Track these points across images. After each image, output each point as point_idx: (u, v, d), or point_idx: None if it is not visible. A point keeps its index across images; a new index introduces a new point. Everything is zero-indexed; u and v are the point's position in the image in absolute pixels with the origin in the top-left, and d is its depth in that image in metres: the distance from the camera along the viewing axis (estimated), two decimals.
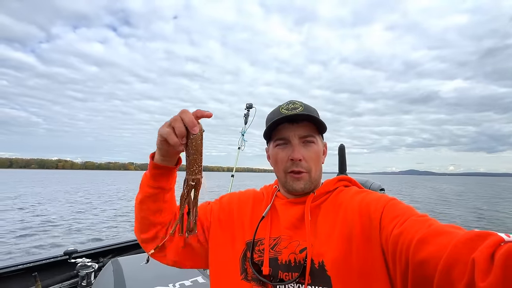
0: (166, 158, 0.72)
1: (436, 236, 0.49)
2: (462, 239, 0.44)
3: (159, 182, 0.74)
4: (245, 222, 0.81)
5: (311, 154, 0.75)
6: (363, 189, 0.79)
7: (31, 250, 6.74)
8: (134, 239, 2.34)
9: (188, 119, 0.62)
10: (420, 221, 0.55)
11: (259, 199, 0.86)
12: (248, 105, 3.08)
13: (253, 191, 0.91)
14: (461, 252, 0.43)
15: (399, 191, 31.97)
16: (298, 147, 0.74)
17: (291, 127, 0.75)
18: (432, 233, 0.50)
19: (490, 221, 12.23)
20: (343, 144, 1.48)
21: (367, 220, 0.65)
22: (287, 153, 0.75)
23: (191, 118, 0.63)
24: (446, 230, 0.50)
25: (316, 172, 0.77)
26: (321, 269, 0.66)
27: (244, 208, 0.84)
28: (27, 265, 1.72)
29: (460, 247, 0.44)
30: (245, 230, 0.80)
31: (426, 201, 20.72)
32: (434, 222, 0.54)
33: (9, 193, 22.27)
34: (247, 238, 0.78)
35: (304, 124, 0.75)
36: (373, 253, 0.62)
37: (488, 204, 19.45)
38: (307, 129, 0.75)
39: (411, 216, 0.58)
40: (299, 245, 0.71)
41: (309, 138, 0.75)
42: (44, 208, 13.76)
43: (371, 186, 1.19)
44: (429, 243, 0.49)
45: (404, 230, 0.55)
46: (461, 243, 0.44)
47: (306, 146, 0.76)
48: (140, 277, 1.21)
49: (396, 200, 0.67)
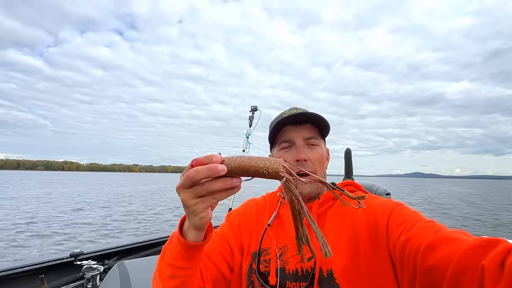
0: (202, 232, 0.55)
1: (444, 243, 0.49)
2: (471, 246, 0.44)
3: (195, 259, 0.57)
4: (251, 233, 0.80)
5: (316, 155, 0.75)
6: (369, 194, 0.78)
7: (37, 252, 6.75)
8: (140, 241, 2.32)
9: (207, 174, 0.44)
10: (427, 227, 0.55)
11: (262, 208, 0.84)
12: (253, 107, 3.07)
13: (255, 201, 0.89)
14: (471, 259, 0.42)
15: (411, 194, 31.28)
16: (303, 148, 0.75)
17: (295, 129, 0.76)
18: (440, 239, 0.50)
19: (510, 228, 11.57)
20: (349, 148, 1.47)
21: (374, 225, 0.64)
22: (292, 155, 0.75)
23: (207, 173, 0.44)
24: (454, 236, 0.50)
25: (321, 175, 0.76)
26: (330, 277, 0.64)
27: (249, 220, 0.83)
28: (33, 266, 1.70)
29: (469, 254, 0.43)
30: (251, 242, 0.78)
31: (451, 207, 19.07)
32: (441, 228, 0.54)
33: (15, 193, 22.42)
34: (253, 248, 0.76)
35: (308, 126, 0.76)
36: (380, 259, 0.61)
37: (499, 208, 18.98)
38: (311, 131, 0.76)
39: (418, 222, 0.57)
40: (307, 253, 0.68)
41: (313, 140, 0.76)
42: (49, 210, 13.80)
43: (377, 191, 1.18)
44: (438, 249, 0.48)
45: (412, 236, 0.54)
46: (470, 250, 0.43)
47: (310, 148, 0.76)
48: (146, 281, 1.18)
49: (402, 205, 0.67)
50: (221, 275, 0.73)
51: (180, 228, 0.55)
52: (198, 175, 0.44)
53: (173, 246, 0.57)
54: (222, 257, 0.75)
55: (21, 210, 13.79)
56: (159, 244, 2.37)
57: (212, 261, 0.72)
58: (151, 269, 1.36)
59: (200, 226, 0.51)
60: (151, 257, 1.51)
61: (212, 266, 0.72)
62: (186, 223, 0.54)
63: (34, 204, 16.04)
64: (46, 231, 8.99)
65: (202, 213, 0.48)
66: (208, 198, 0.47)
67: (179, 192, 0.47)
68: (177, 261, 0.56)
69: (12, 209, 13.69)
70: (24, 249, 6.92)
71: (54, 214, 12.55)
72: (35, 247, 7.18)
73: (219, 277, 0.73)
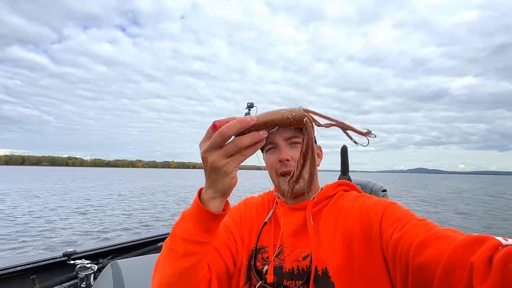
0: (225, 200, 0.55)
1: (435, 240, 0.49)
2: (461, 243, 0.45)
3: (213, 233, 0.56)
4: (252, 228, 0.81)
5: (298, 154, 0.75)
6: (363, 194, 0.78)
7: (30, 251, 6.38)
8: (134, 240, 2.29)
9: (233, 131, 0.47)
10: (419, 225, 0.55)
11: (260, 206, 0.86)
12: (249, 104, 3.01)
13: (254, 199, 0.91)
14: (460, 256, 0.43)
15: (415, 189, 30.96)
16: (284, 149, 0.75)
17: (277, 132, 0.76)
18: (431, 237, 0.50)
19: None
20: (345, 145, 1.48)
21: (368, 224, 0.65)
22: (276, 156, 0.76)
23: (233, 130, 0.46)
24: (445, 234, 0.50)
25: (306, 173, 0.75)
26: (325, 275, 0.65)
27: (250, 215, 0.84)
28: (25, 266, 1.68)
29: (459, 251, 0.44)
30: (251, 237, 0.80)
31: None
32: (433, 226, 0.54)
33: (13, 189, 21.95)
34: (252, 245, 0.78)
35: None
36: (374, 257, 0.62)
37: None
38: (292, 130, 0.76)
39: (410, 220, 0.58)
40: (302, 252, 0.70)
41: (294, 139, 0.76)
42: (43, 207, 12.97)
43: (374, 187, 1.18)
44: (429, 247, 0.49)
45: (404, 234, 0.55)
46: (460, 247, 0.44)
47: (293, 147, 0.76)
48: (140, 280, 1.18)
49: (395, 204, 0.67)
50: (226, 268, 0.74)
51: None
52: (230, 130, 0.46)
53: (189, 220, 0.55)
54: (228, 248, 0.75)
55: (15, 204, 13.12)
56: (155, 242, 2.37)
57: (219, 252, 0.73)
58: (144, 269, 1.32)
59: (229, 188, 0.52)
60: (145, 256, 1.50)
61: (218, 257, 0.72)
62: (208, 193, 0.53)
63: (23, 200, 15.26)
64: (39, 228, 8.50)
65: (233, 172, 0.50)
66: (237, 156, 0.49)
67: (208, 155, 0.48)
68: (195, 235, 0.54)
69: (8, 206, 12.93)
70: (15, 248, 6.57)
71: (46, 211, 11.84)
72: (27, 246, 6.81)
73: (223, 269, 0.73)
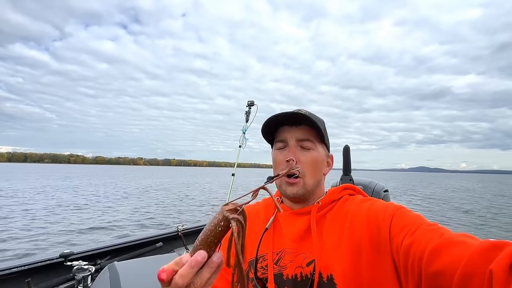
0: None
1: (449, 247, 0.47)
2: (478, 250, 0.42)
3: None
4: (248, 242, 0.77)
5: (307, 159, 0.72)
6: (369, 198, 0.75)
7: (25, 252, 6.10)
8: (132, 240, 2.27)
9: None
10: (431, 230, 0.52)
11: (253, 215, 0.82)
12: (250, 102, 3.01)
13: (251, 207, 0.86)
14: (478, 263, 0.41)
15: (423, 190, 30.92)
16: (294, 149, 0.72)
17: (289, 129, 0.73)
18: (445, 243, 0.48)
19: None
20: (347, 145, 1.45)
21: (376, 229, 0.62)
22: (285, 155, 0.72)
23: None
24: (459, 240, 0.47)
25: (311, 179, 0.72)
26: (330, 282, 0.63)
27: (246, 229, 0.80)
28: (20, 268, 1.64)
29: (476, 258, 0.42)
30: (249, 250, 0.76)
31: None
32: (445, 231, 0.52)
33: (7, 189, 20.78)
34: (249, 257, 0.75)
35: (303, 127, 0.73)
36: (383, 264, 0.59)
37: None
38: (305, 132, 0.72)
39: (421, 225, 0.55)
40: (306, 258, 0.68)
41: (307, 142, 0.72)
42: (40, 206, 12.49)
43: (375, 188, 1.15)
44: (443, 254, 0.46)
45: (415, 240, 0.52)
46: (477, 254, 0.42)
47: (303, 151, 0.72)
48: (137, 283, 1.17)
49: (404, 208, 0.64)
50: (228, 284, 0.72)
51: None
52: (185, 277, 0.40)
53: None
54: (225, 279, 0.73)
55: (11, 205, 12.55)
56: (153, 242, 2.33)
57: (221, 274, 0.71)
58: (142, 271, 1.29)
59: None
60: (143, 259, 1.48)
61: (221, 277, 0.70)
62: None
63: (19, 199, 14.75)
64: (35, 229, 8.18)
65: None
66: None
67: None
68: None
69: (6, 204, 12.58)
70: (10, 249, 6.26)
71: (44, 211, 11.36)
72: (22, 246, 6.51)
73: (226, 286, 0.72)
